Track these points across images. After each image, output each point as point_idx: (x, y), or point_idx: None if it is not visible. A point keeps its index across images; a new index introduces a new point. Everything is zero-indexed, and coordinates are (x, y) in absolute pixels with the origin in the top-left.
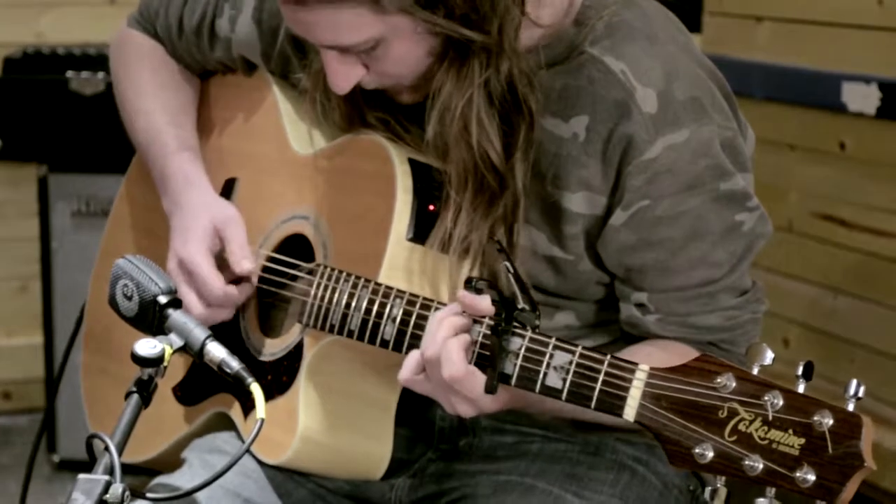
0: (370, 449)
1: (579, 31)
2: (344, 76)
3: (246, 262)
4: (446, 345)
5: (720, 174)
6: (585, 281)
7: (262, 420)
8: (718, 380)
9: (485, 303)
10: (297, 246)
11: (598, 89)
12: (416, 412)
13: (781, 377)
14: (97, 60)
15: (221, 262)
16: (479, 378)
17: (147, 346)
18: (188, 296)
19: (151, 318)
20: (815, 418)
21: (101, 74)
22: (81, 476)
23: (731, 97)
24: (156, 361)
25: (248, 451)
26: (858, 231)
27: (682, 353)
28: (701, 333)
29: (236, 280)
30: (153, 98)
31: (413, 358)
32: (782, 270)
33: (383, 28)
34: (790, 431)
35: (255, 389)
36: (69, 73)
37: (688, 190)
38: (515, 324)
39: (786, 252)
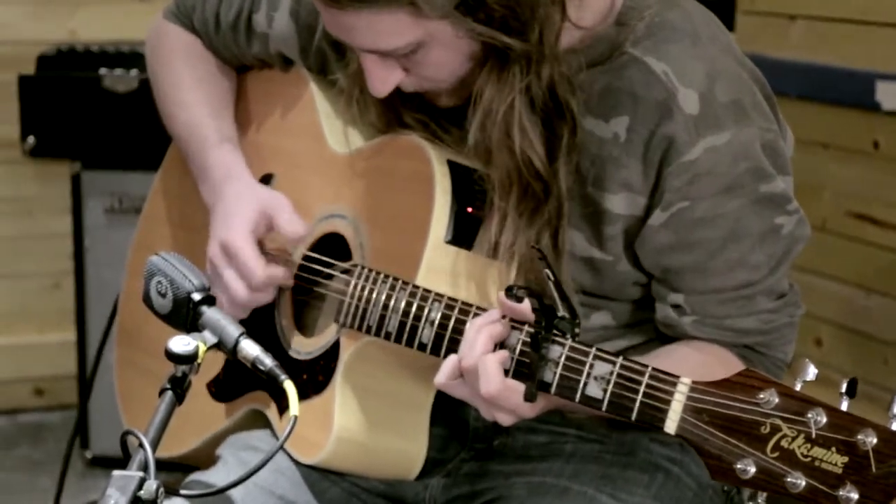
0: (405, 449)
1: (620, 31)
2: (382, 80)
3: (299, 226)
4: (484, 360)
5: (760, 177)
6: (623, 281)
7: (296, 417)
8: (761, 395)
9: (525, 308)
10: (333, 245)
11: (639, 90)
12: (450, 411)
13: None
14: (130, 58)
15: (262, 248)
16: (517, 391)
17: (181, 343)
18: (231, 280)
19: (185, 315)
20: (859, 437)
21: (134, 72)
22: (116, 472)
23: (771, 98)
24: (190, 358)
25: (281, 448)
26: (892, 230)
27: (717, 356)
28: (737, 336)
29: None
30: (192, 91)
31: (450, 363)
32: (815, 270)
33: (423, 33)
34: (833, 449)
35: (289, 387)
36: (102, 71)
37: (727, 192)
38: (555, 332)
39: (819, 251)
